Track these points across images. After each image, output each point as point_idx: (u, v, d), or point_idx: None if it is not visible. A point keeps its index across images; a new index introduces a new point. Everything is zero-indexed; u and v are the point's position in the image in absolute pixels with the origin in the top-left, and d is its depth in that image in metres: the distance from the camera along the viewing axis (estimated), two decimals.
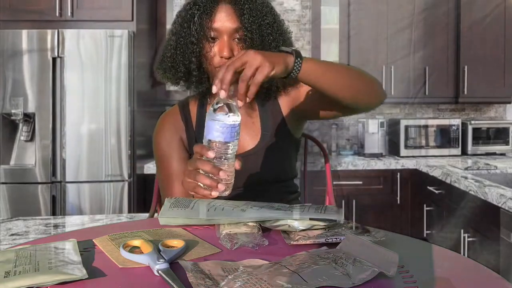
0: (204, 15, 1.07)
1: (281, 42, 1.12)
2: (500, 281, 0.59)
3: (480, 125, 3.44)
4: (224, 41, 1.06)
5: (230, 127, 0.82)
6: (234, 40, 1.08)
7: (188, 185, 0.89)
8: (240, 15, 1.07)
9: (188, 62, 1.11)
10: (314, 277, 0.56)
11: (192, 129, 1.21)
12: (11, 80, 2.60)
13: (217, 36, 1.08)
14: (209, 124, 0.83)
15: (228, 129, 0.82)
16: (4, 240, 1.15)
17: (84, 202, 2.63)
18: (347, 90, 0.99)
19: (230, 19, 1.07)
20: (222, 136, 0.82)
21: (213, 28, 1.07)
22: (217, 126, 0.82)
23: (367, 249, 0.63)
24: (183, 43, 1.10)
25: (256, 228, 0.76)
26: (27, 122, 2.62)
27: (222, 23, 1.06)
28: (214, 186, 0.84)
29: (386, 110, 3.70)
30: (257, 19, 1.08)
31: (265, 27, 1.10)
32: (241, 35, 1.07)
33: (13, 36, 2.59)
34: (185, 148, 1.20)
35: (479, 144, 3.42)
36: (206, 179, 0.84)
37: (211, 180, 0.84)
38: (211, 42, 1.08)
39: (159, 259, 0.61)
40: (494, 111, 3.77)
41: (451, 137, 3.39)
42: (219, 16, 1.07)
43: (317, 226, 0.74)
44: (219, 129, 0.82)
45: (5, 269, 0.59)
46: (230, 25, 1.07)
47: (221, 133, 0.82)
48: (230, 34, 1.07)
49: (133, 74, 2.67)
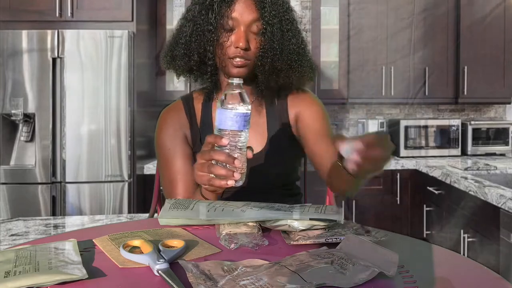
0: (223, 3, 1.05)
1: (300, 40, 1.13)
2: (500, 281, 0.59)
3: (480, 125, 3.44)
4: (241, 32, 1.05)
5: (243, 116, 0.82)
6: (252, 32, 1.07)
7: (201, 179, 0.87)
8: (260, 7, 1.06)
9: (203, 50, 1.09)
10: (314, 277, 0.56)
11: (197, 126, 1.18)
12: (11, 80, 2.60)
13: (234, 27, 1.06)
14: (222, 113, 0.83)
15: (241, 117, 0.82)
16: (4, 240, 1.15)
17: (84, 202, 2.63)
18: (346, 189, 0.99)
19: (249, 10, 1.06)
20: (236, 125, 0.82)
21: (231, 17, 1.05)
22: (230, 115, 0.82)
23: (367, 249, 0.63)
24: (199, 30, 1.08)
25: (256, 228, 0.76)
26: (27, 122, 2.62)
27: (241, 13, 1.05)
28: (230, 175, 0.83)
29: (385, 111, 3.70)
30: (279, 13, 1.08)
31: (285, 23, 1.10)
32: (260, 28, 1.07)
33: (13, 37, 2.59)
34: (189, 145, 1.18)
35: (479, 144, 3.42)
36: (222, 170, 0.83)
37: (226, 170, 0.83)
38: (228, 32, 1.07)
39: (159, 259, 0.61)
40: (494, 112, 3.77)
41: (451, 138, 3.39)
42: (239, 6, 1.06)
43: (317, 226, 0.74)
44: (233, 118, 0.82)
45: (5, 269, 0.59)
46: (249, 16, 1.06)
47: (235, 122, 0.82)
48: (247, 25, 1.06)
49: (133, 74, 2.67)
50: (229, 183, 0.84)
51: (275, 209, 0.79)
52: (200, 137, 1.16)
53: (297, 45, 1.12)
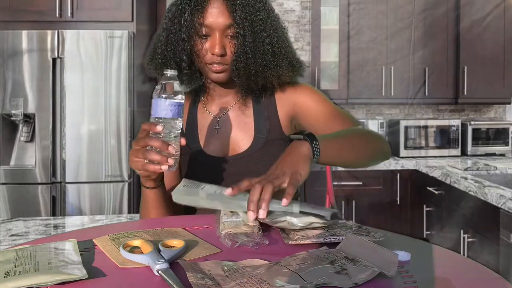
0: (195, 10, 1.03)
1: (275, 39, 1.08)
2: (500, 281, 0.59)
3: (479, 125, 3.44)
4: (216, 38, 1.03)
5: (177, 105, 0.89)
6: (227, 36, 1.05)
7: (136, 164, 0.91)
8: (232, 11, 1.02)
9: (179, 60, 1.08)
10: (314, 277, 0.56)
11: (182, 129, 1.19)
12: (11, 80, 2.60)
13: (208, 33, 1.04)
14: (157, 102, 0.88)
15: (175, 106, 0.88)
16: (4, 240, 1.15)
17: (84, 202, 2.63)
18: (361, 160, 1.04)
19: (222, 15, 1.03)
20: (170, 113, 0.88)
21: (204, 24, 1.03)
22: (165, 104, 0.88)
23: (367, 249, 0.63)
24: (173, 40, 1.07)
25: (256, 227, 0.76)
26: (27, 122, 2.62)
27: (214, 19, 1.02)
28: (164, 161, 0.87)
29: (385, 111, 3.70)
30: (250, 15, 1.04)
31: (257, 23, 1.05)
32: (233, 32, 1.04)
33: (13, 37, 2.59)
34: None
35: (479, 144, 3.42)
36: (156, 155, 0.87)
37: (160, 155, 0.87)
38: (203, 39, 1.05)
39: (159, 259, 0.61)
40: (493, 112, 3.77)
41: (451, 138, 3.39)
42: (211, 12, 1.03)
43: (316, 225, 0.74)
44: (168, 107, 0.88)
45: (5, 269, 0.59)
46: (222, 21, 1.03)
47: (169, 110, 0.88)
48: (222, 31, 1.04)
49: (133, 74, 2.67)
50: (163, 168, 0.88)
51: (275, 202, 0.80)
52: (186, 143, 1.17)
53: (271, 45, 1.07)
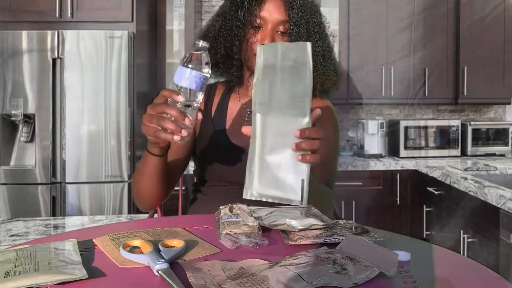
0: (254, 1, 1.10)
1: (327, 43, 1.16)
2: (500, 281, 0.59)
3: (479, 126, 3.44)
4: (268, 30, 1.09)
5: (203, 78, 0.84)
6: (278, 32, 1.11)
7: (148, 129, 0.88)
8: (289, 8, 1.10)
9: (230, 45, 1.13)
10: (314, 277, 0.56)
11: (211, 112, 1.21)
12: (11, 81, 2.60)
13: (261, 25, 1.10)
14: (182, 70, 0.84)
15: (199, 79, 0.84)
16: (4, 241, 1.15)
17: (84, 203, 2.63)
18: None
19: (278, 10, 1.10)
20: (194, 84, 0.84)
21: (260, 16, 1.09)
22: (190, 74, 0.83)
23: (367, 249, 0.63)
24: (228, 26, 1.13)
25: (256, 228, 0.76)
26: (27, 123, 2.62)
27: (269, 13, 1.09)
28: (178, 131, 0.84)
29: (385, 111, 3.70)
30: (306, 15, 1.12)
31: (312, 25, 1.13)
32: (287, 29, 1.10)
33: (13, 37, 2.59)
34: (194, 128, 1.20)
35: (479, 145, 3.42)
36: (171, 124, 0.84)
37: (175, 125, 0.84)
38: (256, 30, 1.11)
39: (159, 259, 0.61)
40: (493, 112, 3.77)
41: (451, 138, 3.39)
42: (268, 6, 1.10)
43: (316, 226, 0.74)
44: (193, 78, 0.83)
45: (5, 269, 0.59)
46: (277, 16, 1.09)
47: (194, 82, 0.84)
48: (275, 25, 1.10)
49: (133, 75, 2.67)
50: (175, 138, 0.85)
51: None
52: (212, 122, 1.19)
53: (323, 47, 1.15)
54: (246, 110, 1.19)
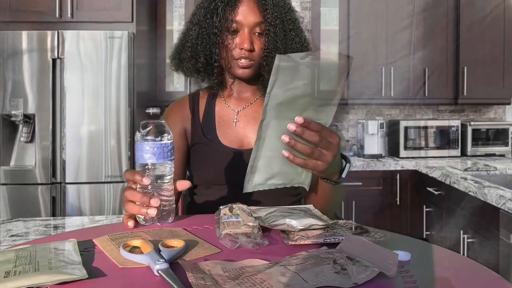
0: (227, 7, 1.11)
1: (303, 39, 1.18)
2: (500, 281, 0.59)
3: (479, 126, 3.44)
4: (245, 34, 1.10)
5: (162, 147, 0.81)
6: (255, 34, 1.12)
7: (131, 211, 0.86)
8: (263, 9, 1.11)
9: (209, 53, 1.14)
10: (314, 277, 0.56)
11: (199, 120, 1.22)
12: (11, 81, 2.60)
13: (238, 29, 1.11)
14: (139, 146, 0.81)
15: (163, 148, 0.81)
16: (4, 241, 1.15)
17: (84, 203, 2.63)
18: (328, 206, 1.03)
19: (252, 13, 1.11)
20: (154, 157, 0.80)
21: (235, 20, 1.10)
22: (147, 147, 0.80)
23: (367, 249, 0.63)
24: (205, 34, 1.13)
25: (256, 228, 0.76)
26: (27, 123, 2.62)
27: (244, 16, 1.10)
28: (144, 213, 0.82)
29: (385, 111, 3.70)
30: (281, 14, 1.13)
31: (287, 23, 1.14)
32: (263, 29, 1.12)
33: (13, 37, 2.60)
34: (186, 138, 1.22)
35: (479, 145, 3.42)
36: (135, 208, 0.83)
37: (139, 208, 0.83)
38: (232, 34, 1.12)
39: (159, 259, 0.61)
40: (493, 112, 3.77)
41: (451, 138, 3.39)
42: (242, 9, 1.11)
43: (316, 226, 0.74)
44: (150, 150, 0.80)
45: (5, 269, 0.59)
46: (252, 18, 1.11)
47: (152, 154, 0.80)
48: (251, 28, 1.11)
49: (133, 75, 2.67)
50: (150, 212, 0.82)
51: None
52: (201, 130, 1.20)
53: (300, 43, 1.16)
54: (234, 112, 1.20)
